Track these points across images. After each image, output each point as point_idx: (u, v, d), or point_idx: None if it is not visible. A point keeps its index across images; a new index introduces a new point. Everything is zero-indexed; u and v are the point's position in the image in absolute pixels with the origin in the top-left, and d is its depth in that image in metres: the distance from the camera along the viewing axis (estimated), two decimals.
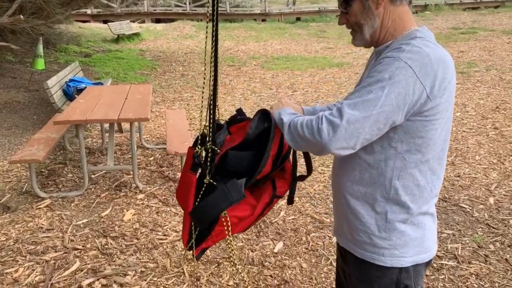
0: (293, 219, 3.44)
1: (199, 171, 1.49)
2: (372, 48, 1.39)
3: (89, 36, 14.17)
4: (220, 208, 1.36)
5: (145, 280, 2.68)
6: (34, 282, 2.67)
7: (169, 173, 4.33)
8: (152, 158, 4.78)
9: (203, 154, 1.51)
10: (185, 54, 12.47)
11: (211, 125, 1.50)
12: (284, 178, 1.55)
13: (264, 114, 1.45)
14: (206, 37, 1.50)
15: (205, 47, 1.55)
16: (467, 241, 3.09)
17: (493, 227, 3.25)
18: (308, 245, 3.07)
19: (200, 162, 1.49)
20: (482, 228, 3.26)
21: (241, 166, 1.41)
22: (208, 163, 1.47)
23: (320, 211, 3.56)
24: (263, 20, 20.00)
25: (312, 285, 2.65)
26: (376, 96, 1.15)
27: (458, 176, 4.14)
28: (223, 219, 1.41)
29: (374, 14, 1.29)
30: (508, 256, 2.91)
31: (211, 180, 1.42)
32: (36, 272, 2.76)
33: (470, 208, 3.55)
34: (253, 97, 7.66)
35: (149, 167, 4.52)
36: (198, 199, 1.43)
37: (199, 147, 1.50)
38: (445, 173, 4.17)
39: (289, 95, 7.82)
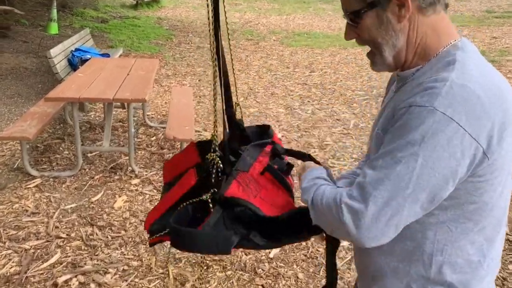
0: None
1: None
2: None
3: (107, 1, 13.84)
4: (198, 249, 1.14)
5: (126, 281, 2.48)
6: (9, 274, 2.49)
7: (169, 156, 4.09)
8: (154, 138, 4.54)
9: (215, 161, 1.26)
10: (203, 25, 12.07)
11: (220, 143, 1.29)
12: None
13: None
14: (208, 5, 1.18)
15: (208, 18, 1.23)
16: None
17: None
18: (307, 252, 2.82)
19: (208, 170, 1.25)
20: None
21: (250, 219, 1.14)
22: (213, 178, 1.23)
23: None
24: None
25: None
26: (408, 168, 0.84)
27: None
28: None
29: (396, 29, 0.95)
30: None
31: (209, 201, 1.16)
32: (13, 262, 2.59)
33: None
34: (268, 76, 7.32)
35: (150, 148, 4.29)
36: (184, 204, 1.19)
37: (212, 154, 1.24)
38: None
39: (306, 75, 7.45)
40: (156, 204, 1.37)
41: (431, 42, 0.95)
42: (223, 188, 1.14)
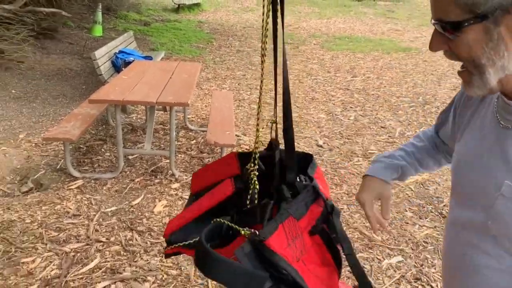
0: None
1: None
2: None
3: (150, 4, 14.08)
4: (223, 280, 0.95)
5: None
6: (49, 277, 2.47)
7: (208, 160, 4.03)
8: (194, 141, 4.50)
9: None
10: (243, 29, 12.06)
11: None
12: None
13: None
14: (263, 12, 1.05)
15: (262, 25, 1.11)
16: None
17: None
18: None
19: (246, 183, 1.14)
20: None
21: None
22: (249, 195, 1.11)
23: (369, 225, 3.12)
24: None
25: None
26: None
27: None
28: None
29: (510, 49, 0.74)
30: None
31: (246, 229, 0.95)
32: (53, 265, 2.57)
33: None
34: (309, 80, 7.18)
35: (190, 151, 4.24)
36: (218, 220, 1.03)
37: (252, 165, 1.13)
38: None
39: (347, 80, 7.26)
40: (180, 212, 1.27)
41: None
42: (266, 232, 0.91)
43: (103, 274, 2.52)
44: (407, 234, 3.04)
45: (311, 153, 1.30)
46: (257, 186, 1.11)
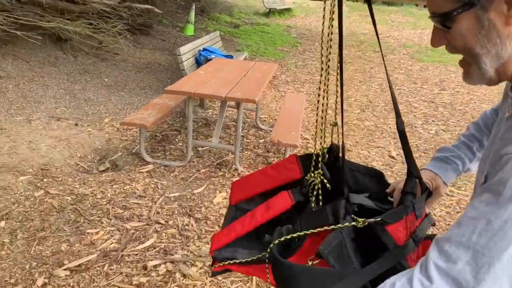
0: None
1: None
2: None
3: (242, 8, 14.49)
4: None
5: (209, 278, 2.47)
6: (108, 249, 2.65)
7: (273, 160, 4.05)
8: (262, 140, 4.55)
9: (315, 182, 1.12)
10: (330, 35, 11.93)
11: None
12: None
13: None
14: (324, 15, 1.05)
15: (322, 29, 1.11)
16: None
17: None
18: None
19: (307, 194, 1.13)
20: None
21: None
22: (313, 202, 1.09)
23: None
24: (425, 6, 18.17)
25: None
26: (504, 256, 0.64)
27: None
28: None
29: (503, 35, 0.72)
30: None
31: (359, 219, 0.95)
32: (113, 239, 2.75)
33: None
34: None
35: (256, 149, 4.30)
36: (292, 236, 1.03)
37: (312, 174, 1.11)
38: None
39: (434, 93, 6.88)
40: (223, 226, 1.22)
41: None
42: (389, 218, 0.91)
43: (156, 253, 2.65)
44: None
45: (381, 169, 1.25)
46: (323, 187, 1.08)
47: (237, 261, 1.09)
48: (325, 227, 0.97)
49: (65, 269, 2.44)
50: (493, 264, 0.63)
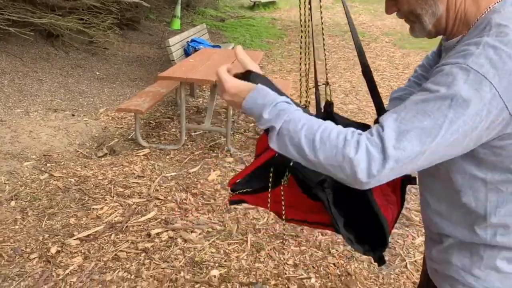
0: None
1: None
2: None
3: (227, 1, 14.66)
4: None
5: (208, 241, 2.71)
6: (113, 221, 2.87)
7: None
8: (252, 124, 4.79)
9: None
10: (315, 26, 12.17)
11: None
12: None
13: None
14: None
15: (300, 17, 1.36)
16: None
17: None
18: None
19: None
20: None
21: None
22: None
23: (411, 207, 3.20)
24: None
25: (377, 284, 2.40)
26: (436, 123, 0.82)
27: None
28: (281, 191, 1.28)
29: None
30: None
31: None
32: (117, 213, 2.97)
33: None
34: (374, 76, 7.15)
35: (247, 133, 4.53)
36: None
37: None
38: None
39: None
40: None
41: (470, 9, 0.94)
42: None
43: (158, 223, 2.87)
44: None
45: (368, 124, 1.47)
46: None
47: (249, 190, 1.33)
48: None
49: (75, 239, 2.66)
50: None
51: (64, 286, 2.29)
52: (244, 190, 1.34)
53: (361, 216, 1.17)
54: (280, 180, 1.28)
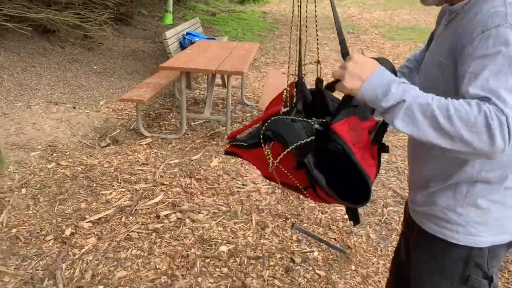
0: (373, 189, 3.30)
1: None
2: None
3: None
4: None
5: (215, 220, 2.85)
6: (122, 205, 3.00)
7: None
8: (249, 114, 4.92)
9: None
10: (304, 19, 12.31)
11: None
12: None
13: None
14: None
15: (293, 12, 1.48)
16: None
17: None
18: (382, 218, 2.95)
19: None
20: None
21: None
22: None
23: (405, 186, 3.37)
24: None
25: (376, 256, 2.57)
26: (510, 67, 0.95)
27: None
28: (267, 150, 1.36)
29: None
30: None
31: (314, 125, 1.24)
32: (126, 198, 3.10)
33: None
34: None
35: (244, 122, 4.67)
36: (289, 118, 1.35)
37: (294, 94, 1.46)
38: None
39: None
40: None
41: None
42: (333, 120, 1.18)
43: (166, 206, 3.01)
44: None
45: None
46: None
47: (244, 144, 1.37)
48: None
49: (87, 222, 2.78)
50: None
51: (81, 264, 2.41)
52: (240, 143, 1.39)
53: (343, 175, 1.24)
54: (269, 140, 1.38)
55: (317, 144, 1.20)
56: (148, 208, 2.98)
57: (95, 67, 6.25)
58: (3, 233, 2.64)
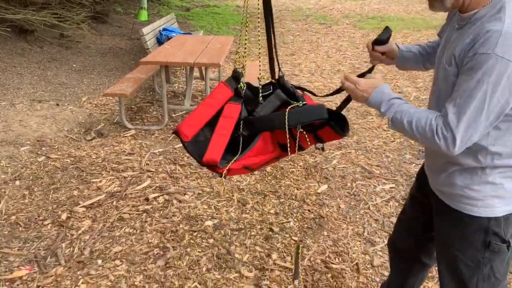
0: (343, 167, 3.62)
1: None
2: None
3: None
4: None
5: (200, 200, 3.11)
6: (113, 191, 3.23)
7: None
8: None
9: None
10: (278, 11, 12.59)
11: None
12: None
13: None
14: None
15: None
16: None
17: None
18: (351, 191, 3.26)
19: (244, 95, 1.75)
20: None
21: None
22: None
23: (372, 163, 3.68)
24: None
25: (345, 223, 2.87)
26: (480, 101, 1.17)
27: None
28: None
29: None
30: None
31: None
32: (115, 184, 3.33)
33: None
34: (337, 55, 7.68)
35: None
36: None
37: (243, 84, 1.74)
38: None
39: None
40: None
41: None
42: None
43: (153, 190, 3.25)
44: (403, 169, 3.58)
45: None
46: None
47: (234, 159, 1.57)
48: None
49: (81, 207, 3.01)
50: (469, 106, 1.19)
51: (79, 243, 2.64)
52: (231, 161, 1.56)
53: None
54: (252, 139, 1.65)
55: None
56: (137, 193, 3.22)
57: (74, 65, 6.39)
58: (3, 220, 2.84)
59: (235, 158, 1.57)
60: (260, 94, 1.78)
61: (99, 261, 2.49)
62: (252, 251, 2.58)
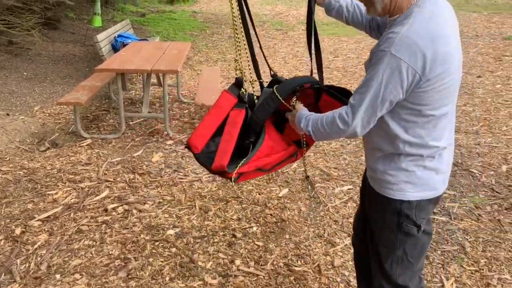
0: (303, 170, 3.69)
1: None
2: None
3: None
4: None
5: (161, 209, 3.07)
6: (70, 203, 3.14)
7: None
8: (187, 111, 5.15)
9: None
10: (236, 18, 12.64)
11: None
12: None
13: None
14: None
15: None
16: (465, 202, 3.21)
17: (496, 191, 3.34)
18: (311, 193, 3.33)
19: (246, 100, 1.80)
20: (485, 191, 3.35)
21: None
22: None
23: (330, 165, 3.78)
24: None
25: (306, 225, 2.93)
26: (376, 90, 1.36)
27: (478, 144, 4.17)
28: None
29: None
30: (502, 217, 3.01)
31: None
32: (72, 195, 3.23)
33: (480, 173, 3.63)
34: (294, 61, 7.80)
35: (182, 118, 4.89)
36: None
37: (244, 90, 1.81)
38: (464, 141, 4.22)
39: (329, 60, 7.89)
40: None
41: (404, 1, 1.42)
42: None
43: (112, 200, 3.18)
44: (360, 171, 3.69)
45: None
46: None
47: (242, 162, 1.63)
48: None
49: (37, 220, 2.90)
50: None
51: (35, 258, 2.55)
52: (239, 164, 1.61)
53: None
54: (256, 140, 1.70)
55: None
56: (96, 203, 3.14)
57: (25, 73, 6.16)
58: None
59: (243, 161, 1.63)
60: (255, 97, 1.88)
61: (58, 276, 2.41)
62: (215, 258, 2.58)
